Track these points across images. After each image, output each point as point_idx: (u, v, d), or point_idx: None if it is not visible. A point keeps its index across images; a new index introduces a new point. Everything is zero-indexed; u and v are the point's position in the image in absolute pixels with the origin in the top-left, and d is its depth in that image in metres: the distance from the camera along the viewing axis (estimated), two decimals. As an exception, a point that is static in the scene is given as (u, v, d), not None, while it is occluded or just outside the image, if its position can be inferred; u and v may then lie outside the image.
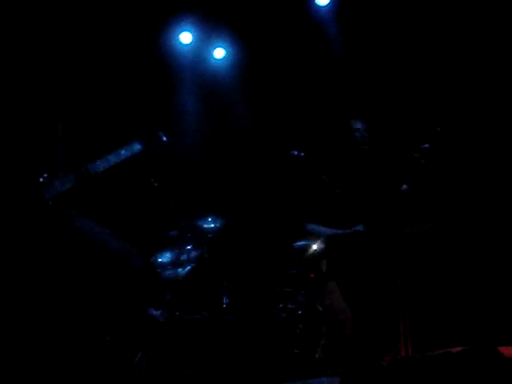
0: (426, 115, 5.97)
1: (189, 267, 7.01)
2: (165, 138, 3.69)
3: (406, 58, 7.38)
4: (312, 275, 7.93)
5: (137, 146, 3.52)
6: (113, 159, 3.36)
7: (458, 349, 4.04)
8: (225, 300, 7.58)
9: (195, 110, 8.03)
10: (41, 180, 3.10)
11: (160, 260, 6.97)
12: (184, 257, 7.16)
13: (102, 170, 3.32)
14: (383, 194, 4.01)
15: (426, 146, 4.15)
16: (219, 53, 8.28)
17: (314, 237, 4.06)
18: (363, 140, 4.34)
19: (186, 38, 7.95)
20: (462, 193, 6.79)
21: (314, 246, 4.43)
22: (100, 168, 3.32)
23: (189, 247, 7.26)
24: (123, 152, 3.42)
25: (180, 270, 6.92)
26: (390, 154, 4.59)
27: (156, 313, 3.19)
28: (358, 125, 4.37)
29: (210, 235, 7.48)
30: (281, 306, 8.26)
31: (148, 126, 3.72)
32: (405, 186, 4.10)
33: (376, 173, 4.37)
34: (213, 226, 7.24)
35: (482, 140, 6.64)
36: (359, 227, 4.02)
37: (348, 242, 3.91)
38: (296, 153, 4.28)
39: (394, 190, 4.10)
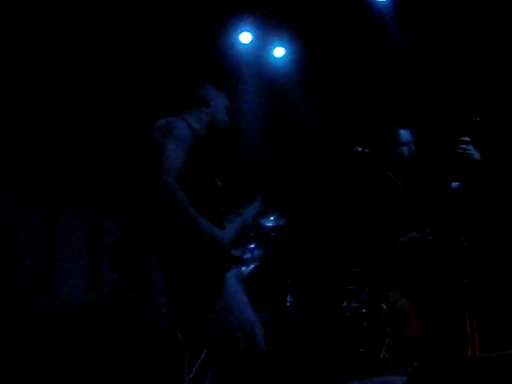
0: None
1: (252, 266, 7.04)
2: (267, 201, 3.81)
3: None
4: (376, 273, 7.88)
5: (258, 205, 3.71)
6: (251, 213, 3.61)
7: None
8: (288, 298, 7.60)
9: (256, 109, 8.05)
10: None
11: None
12: (247, 255, 7.20)
13: None
14: (443, 194, 3.93)
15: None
16: (279, 52, 8.29)
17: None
18: (411, 155, 4.16)
19: (245, 37, 7.98)
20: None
21: None
22: None
23: (252, 246, 7.29)
24: (253, 208, 3.66)
25: (244, 268, 6.96)
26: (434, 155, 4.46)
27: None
28: (407, 136, 4.21)
29: (272, 234, 7.50)
30: (345, 304, 8.23)
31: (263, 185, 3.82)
32: (455, 184, 4.00)
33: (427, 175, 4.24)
34: (275, 224, 7.25)
35: None
36: (413, 233, 3.94)
37: (406, 251, 3.84)
38: (360, 149, 4.24)
39: (448, 190, 4.00)
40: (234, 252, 3.38)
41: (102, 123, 6.86)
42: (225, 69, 7.84)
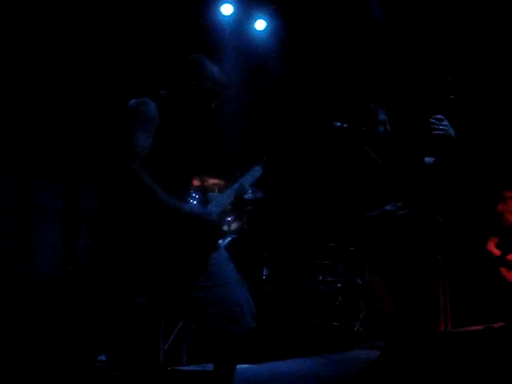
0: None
1: (229, 238, 7.05)
2: (273, 163, 3.74)
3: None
4: (352, 248, 7.95)
5: (259, 170, 3.63)
6: (249, 180, 3.55)
7: (500, 324, 4.01)
8: (264, 271, 7.63)
9: (236, 81, 8.01)
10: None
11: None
12: (224, 228, 7.19)
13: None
14: (417, 170, 3.94)
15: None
16: (260, 24, 8.24)
17: None
18: (386, 133, 4.15)
19: (227, 9, 7.91)
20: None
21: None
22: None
23: (229, 219, 7.29)
24: (252, 175, 3.58)
25: (220, 241, 6.96)
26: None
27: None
28: (382, 116, 4.19)
29: (250, 207, 7.50)
30: (320, 278, 8.30)
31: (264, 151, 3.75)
32: (429, 159, 4.01)
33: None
34: (253, 197, 7.24)
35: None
36: (389, 207, 3.94)
37: (381, 223, 3.85)
38: (339, 124, 4.23)
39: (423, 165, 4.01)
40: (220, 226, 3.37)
41: (80, 94, 6.79)
42: (206, 40, 7.78)
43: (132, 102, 3.14)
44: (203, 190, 3.38)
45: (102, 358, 4.99)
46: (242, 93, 7.67)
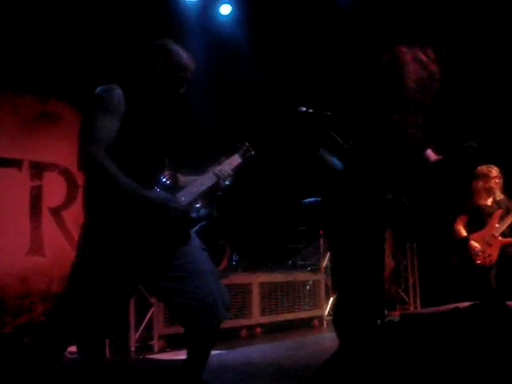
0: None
1: (198, 225, 7.03)
2: (253, 152, 3.70)
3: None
4: (321, 232, 7.99)
5: (238, 158, 3.62)
6: (229, 166, 3.53)
7: (467, 304, 4.06)
8: (234, 257, 7.65)
9: (202, 66, 7.95)
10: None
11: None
12: (193, 215, 7.17)
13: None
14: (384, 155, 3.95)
15: None
16: (225, 9, 8.19)
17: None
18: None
19: (191, -6, 7.84)
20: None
21: None
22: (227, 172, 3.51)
23: (198, 205, 7.26)
24: (231, 162, 3.57)
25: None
26: None
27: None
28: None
29: (219, 193, 7.47)
30: (290, 262, 8.34)
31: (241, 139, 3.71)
32: None
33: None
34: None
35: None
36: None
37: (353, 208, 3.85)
38: (304, 109, 4.22)
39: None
40: (192, 214, 3.31)
41: (46, 81, 6.69)
42: (171, 26, 7.69)
43: (98, 88, 3.10)
44: (174, 177, 3.32)
45: (72, 348, 4.96)
46: (208, 78, 7.61)
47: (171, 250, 3.17)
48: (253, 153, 3.71)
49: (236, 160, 3.61)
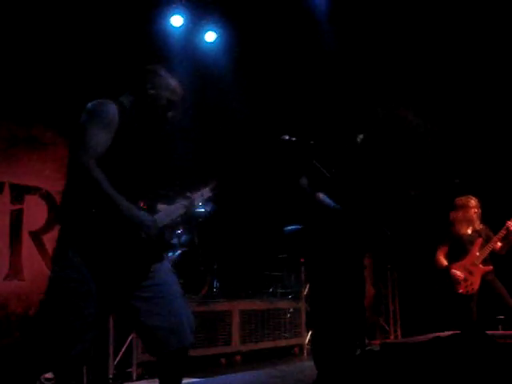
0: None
1: (179, 251, 7.01)
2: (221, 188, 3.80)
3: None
4: (302, 259, 7.98)
5: (207, 193, 3.71)
6: (199, 200, 3.65)
7: (448, 333, 4.07)
8: (215, 284, 7.61)
9: (185, 90, 7.99)
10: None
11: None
12: (174, 241, 7.16)
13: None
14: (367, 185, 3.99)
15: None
16: (211, 36, 8.24)
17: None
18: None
19: (177, 21, 7.89)
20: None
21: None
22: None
23: (179, 231, 7.27)
24: (201, 195, 3.67)
25: (171, 254, 6.92)
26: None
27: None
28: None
29: (200, 219, 7.48)
30: (271, 289, 8.31)
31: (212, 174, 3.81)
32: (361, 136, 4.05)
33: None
34: (203, 210, 7.23)
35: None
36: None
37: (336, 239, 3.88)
38: (287, 137, 4.26)
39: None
40: (166, 237, 3.35)
41: (35, 100, 6.68)
42: (155, 52, 7.73)
43: (92, 102, 3.17)
44: (152, 202, 3.36)
45: (48, 375, 4.90)
46: (192, 104, 7.64)
47: (145, 268, 3.19)
48: (221, 188, 3.80)
49: (205, 193, 3.71)
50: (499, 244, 6.08)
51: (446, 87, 7.44)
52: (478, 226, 6.23)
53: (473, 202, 6.25)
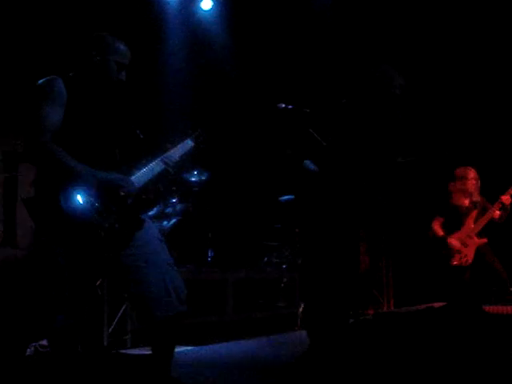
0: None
1: (174, 220, 7.00)
2: (207, 136, 3.72)
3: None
4: (297, 230, 7.98)
5: (190, 143, 3.62)
6: (178, 152, 3.54)
7: (441, 304, 4.09)
8: (210, 253, 7.61)
9: (184, 60, 7.94)
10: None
11: (145, 213, 6.94)
12: (169, 210, 7.15)
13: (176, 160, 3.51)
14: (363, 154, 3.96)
15: None
16: (207, 4, 8.16)
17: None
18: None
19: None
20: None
21: None
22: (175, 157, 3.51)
23: (174, 200, 7.24)
24: (181, 147, 3.57)
25: (165, 222, 6.91)
26: None
27: None
28: (401, 80, 4.00)
29: (195, 188, 7.46)
30: (266, 259, 8.32)
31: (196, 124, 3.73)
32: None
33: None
34: (198, 179, 7.21)
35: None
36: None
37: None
38: (283, 105, 4.22)
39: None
40: (149, 196, 3.33)
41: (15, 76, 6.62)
42: (151, 20, 7.66)
43: (42, 81, 3.21)
44: (128, 163, 3.37)
45: (44, 342, 4.91)
46: (188, 72, 7.59)
47: (127, 234, 3.18)
48: (206, 136, 3.73)
49: (187, 145, 3.63)
50: (498, 212, 6.06)
51: (440, 50, 7.37)
52: (476, 197, 6.21)
53: (471, 173, 6.22)
